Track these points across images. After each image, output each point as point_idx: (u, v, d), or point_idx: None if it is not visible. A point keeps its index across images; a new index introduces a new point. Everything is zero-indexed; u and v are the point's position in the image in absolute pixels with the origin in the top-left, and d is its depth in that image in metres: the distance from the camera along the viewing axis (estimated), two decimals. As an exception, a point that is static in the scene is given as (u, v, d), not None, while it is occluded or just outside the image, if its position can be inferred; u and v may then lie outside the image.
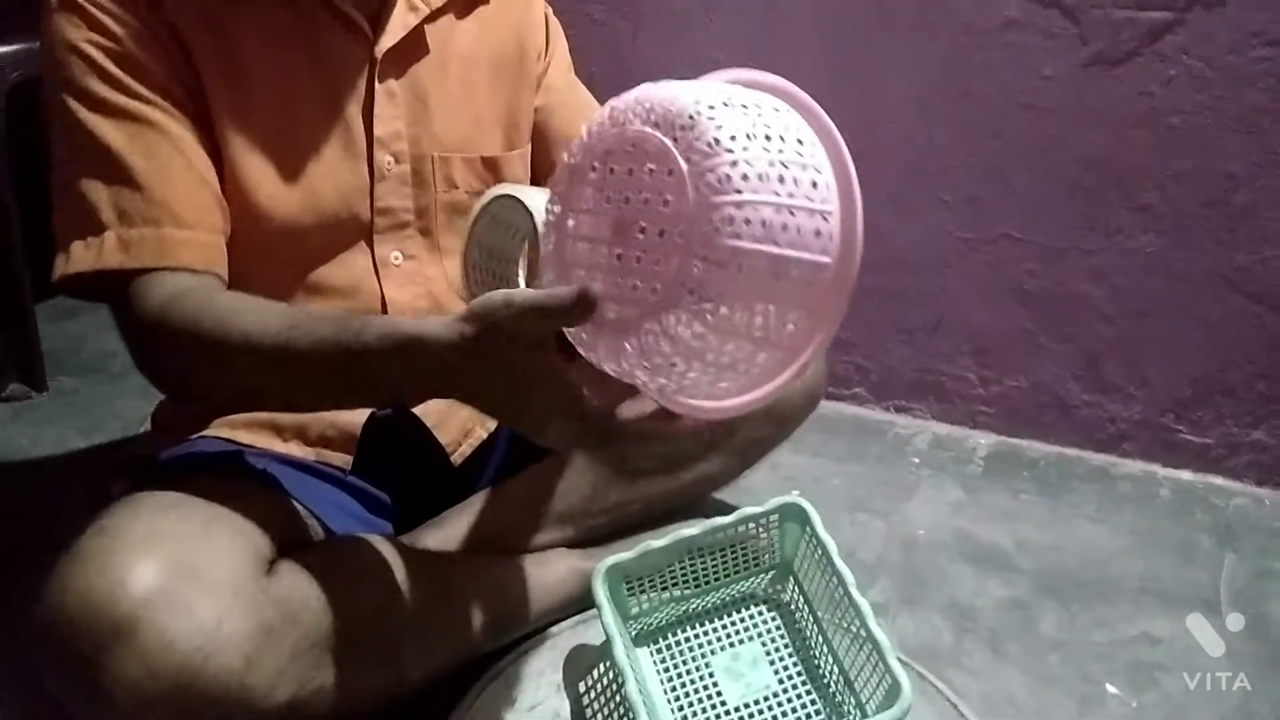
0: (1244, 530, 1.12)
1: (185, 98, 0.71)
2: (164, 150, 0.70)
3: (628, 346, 0.50)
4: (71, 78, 0.69)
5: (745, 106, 0.50)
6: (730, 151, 0.47)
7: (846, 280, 0.51)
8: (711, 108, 0.48)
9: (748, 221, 0.47)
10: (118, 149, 0.69)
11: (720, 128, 0.48)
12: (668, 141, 0.48)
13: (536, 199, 0.62)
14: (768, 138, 0.49)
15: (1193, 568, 1.06)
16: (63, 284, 0.70)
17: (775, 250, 0.47)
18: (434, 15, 0.80)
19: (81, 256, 0.69)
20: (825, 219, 0.49)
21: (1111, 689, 0.89)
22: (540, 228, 0.56)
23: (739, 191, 0.47)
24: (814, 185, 0.49)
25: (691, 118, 0.48)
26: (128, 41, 0.69)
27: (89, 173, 0.69)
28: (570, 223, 0.53)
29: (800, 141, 0.50)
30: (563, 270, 0.53)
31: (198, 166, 0.71)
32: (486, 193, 0.66)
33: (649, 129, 0.49)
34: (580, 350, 0.54)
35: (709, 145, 0.47)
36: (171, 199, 0.69)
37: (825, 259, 0.49)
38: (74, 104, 0.69)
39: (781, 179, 0.48)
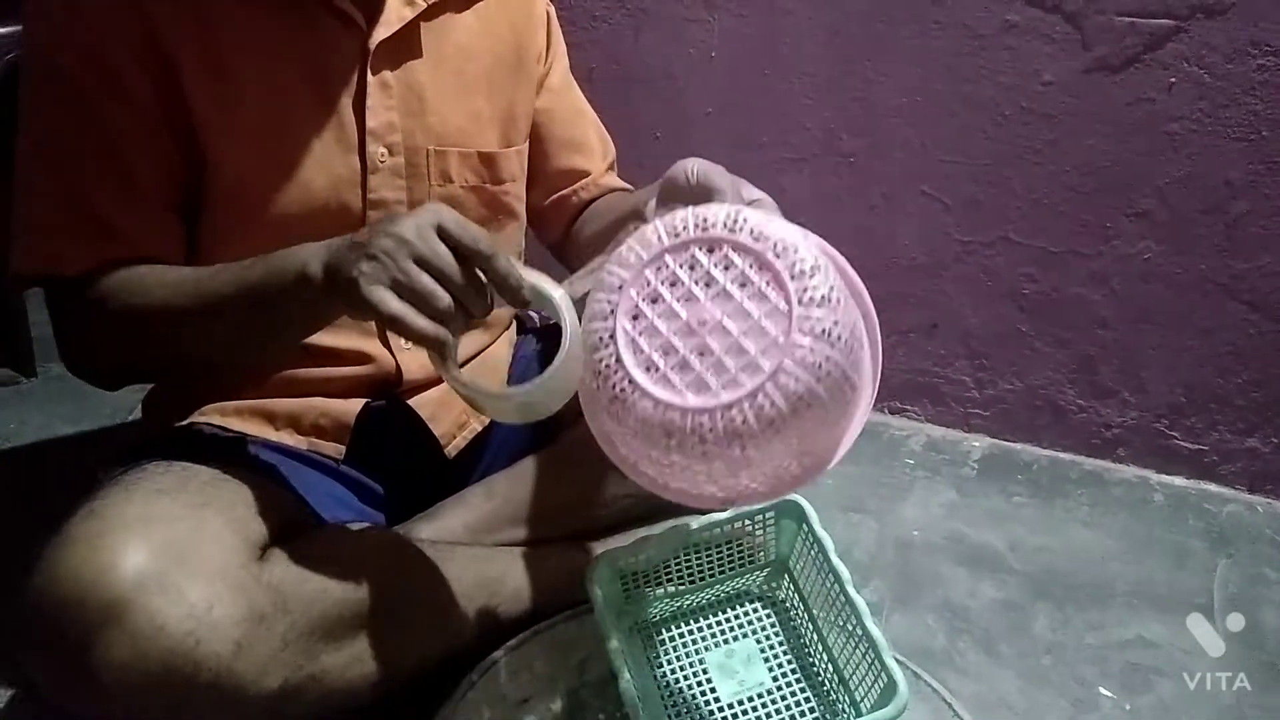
0: (1237, 537, 1.12)
1: (155, 102, 0.71)
2: (113, 161, 0.70)
3: (670, 434, 0.55)
4: (37, 77, 0.70)
5: (830, 275, 0.56)
6: (826, 309, 0.54)
7: (854, 432, 0.59)
8: (815, 268, 0.54)
9: (829, 374, 0.54)
10: (66, 154, 0.69)
11: (818, 286, 0.54)
12: (786, 276, 0.54)
13: (543, 280, 0.65)
14: (841, 301, 0.56)
15: (1186, 573, 1.06)
16: (13, 280, 0.72)
17: (824, 395, 0.54)
18: (432, 10, 0.79)
19: (18, 259, 0.70)
20: (855, 386, 0.57)
21: (1105, 692, 0.89)
22: (560, 300, 0.61)
23: (831, 346, 0.54)
24: (858, 350, 0.57)
25: (802, 271, 0.54)
26: (98, 45, 0.69)
27: (36, 173, 0.70)
28: (636, 300, 0.57)
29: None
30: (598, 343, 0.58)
31: (146, 178, 0.71)
32: None
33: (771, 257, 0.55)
34: (604, 432, 0.59)
35: (811, 299, 0.54)
36: (110, 211, 0.70)
37: (847, 409, 0.57)
38: (36, 103, 0.70)
39: (849, 344, 0.55)
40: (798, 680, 0.76)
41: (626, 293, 0.57)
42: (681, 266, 0.56)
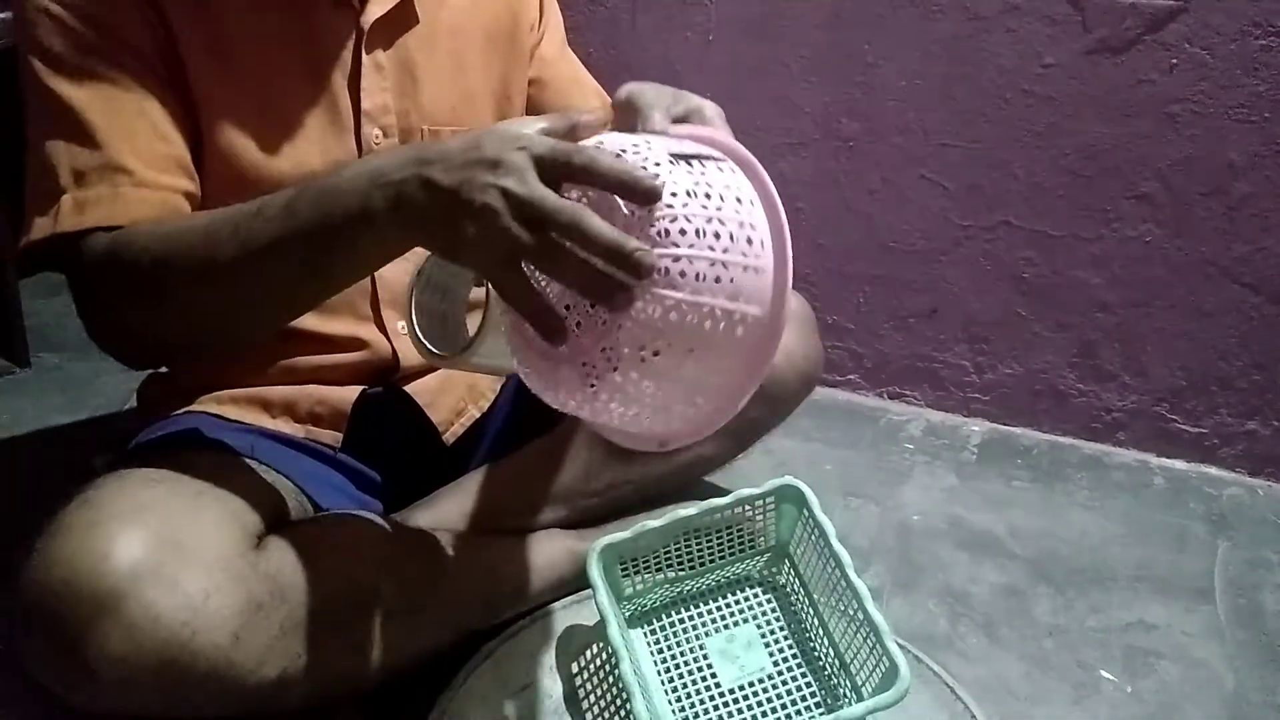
0: (1237, 520, 1.12)
1: (158, 60, 0.69)
2: (127, 108, 0.67)
3: (565, 380, 0.54)
4: (38, 39, 0.68)
5: (690, 163, 0.53)
6: (670, 207, 0.50)
7: (776, 330, 0.54)
8: (658, 165, 0.51)
9: (683, 274, 0.50)
10: (78, 107, 0.66)
11: (663, 185, 0.50)
12: (616, 197, 0.51)
13: None
14: (708, 195, 0.52)
15: (1186, 556, 1.06)
16: (24, 258, 0.68)
17: (708, 300, 0.51)
18: None
19: (40, 226, 0.67)
20: (758, 273, 0.52)
21: (1106, 675, 0.89)
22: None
23: (675, 245, 0.50)
24: (749, 241, 0.52)
25: (647, 215, 0.50)
26: (98, 5, 0.67)
27: (50, 135, 0.67)
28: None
29: (739, 200, 0.53)
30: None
31: (162, 126, 0.69)
32: None
33: None
34: (525, 380, 0.57)
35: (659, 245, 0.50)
36: (130, 156, 0.67)
37: (756, 310, 0.53)
38: (40, 66, 0.67)
39: (718, 234, 0.51)
40: (799, 665, 0.76)
41: None
42: None
